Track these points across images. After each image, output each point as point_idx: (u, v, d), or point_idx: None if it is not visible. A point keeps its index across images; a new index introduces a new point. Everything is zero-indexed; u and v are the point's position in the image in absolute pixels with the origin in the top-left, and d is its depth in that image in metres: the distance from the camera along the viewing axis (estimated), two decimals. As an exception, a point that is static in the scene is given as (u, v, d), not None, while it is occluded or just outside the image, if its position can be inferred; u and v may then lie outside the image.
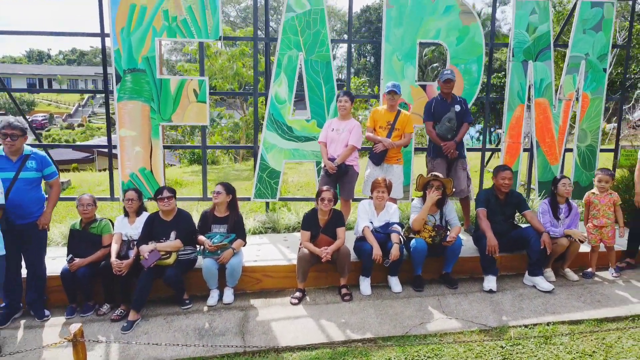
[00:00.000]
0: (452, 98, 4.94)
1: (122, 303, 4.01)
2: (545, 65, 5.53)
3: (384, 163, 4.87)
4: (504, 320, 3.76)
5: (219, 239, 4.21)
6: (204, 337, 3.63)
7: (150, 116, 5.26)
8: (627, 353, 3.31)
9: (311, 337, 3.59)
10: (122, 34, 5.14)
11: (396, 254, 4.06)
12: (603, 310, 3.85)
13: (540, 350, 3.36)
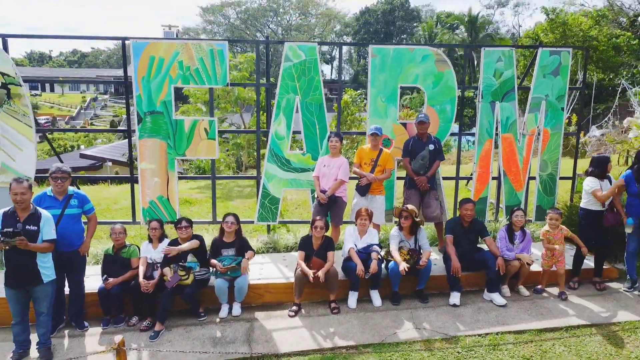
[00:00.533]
0: (428, 138, 5.78)
1: (149, 316, 4.86)
2: (510, 105, 6.36)
3: (369, 194, 5.71)
4: (462, 330, 4.61)
5: (228, 262, 5.06)
6: (217, 344, 4.48)
7: (167, 151, 6.10)
8: (558, 357, 4.15)
9: (305, 344, 4.44)
10: (143, 82, 5.98)
11: (374, 267, 4.93)
12: (544, 322, 4.69)
13: (489, 355, 4.21)
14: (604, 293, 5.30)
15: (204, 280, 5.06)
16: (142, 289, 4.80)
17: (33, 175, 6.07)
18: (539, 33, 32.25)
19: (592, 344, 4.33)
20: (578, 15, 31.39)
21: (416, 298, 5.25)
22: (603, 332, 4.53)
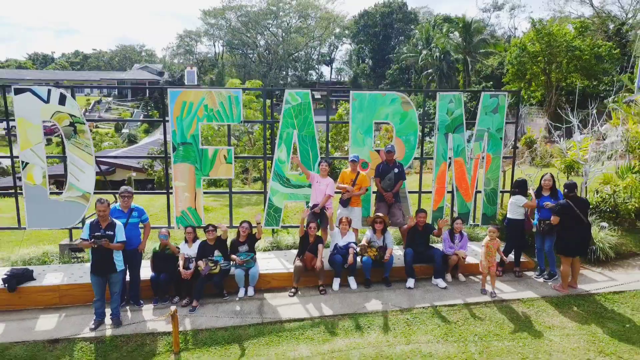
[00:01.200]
0: (394, 163, 7.66)
1: (187, 296, 6.76)
2: (460, 136, 8.24)
3: (349, 206, 7.60)
4: (412, 304, 6.50)
5: (243, 257, 6.95)
6: (238, 315, 6.38)
7: (195, 173, 7.99)
8: (473, 320, 6.03)
9: (300, 314, 6.34)
10: (177, 120, 7.87)
11: (351, 258, 6.83)
12: (470, 299, 6.59)
13: (428, 320, 6.10)
14: (520, 279, 7.19)
15: (227, 270, 6.95)
16: (182, 277, 6.70)
17: (92, 191, 7.97)
18: (526, 42, 34.20)
19: (500, 312, 6.23)
20: (563, 26, 33.30)
21: (383, 283, 7.15)
22: (510, 305, 6.43)
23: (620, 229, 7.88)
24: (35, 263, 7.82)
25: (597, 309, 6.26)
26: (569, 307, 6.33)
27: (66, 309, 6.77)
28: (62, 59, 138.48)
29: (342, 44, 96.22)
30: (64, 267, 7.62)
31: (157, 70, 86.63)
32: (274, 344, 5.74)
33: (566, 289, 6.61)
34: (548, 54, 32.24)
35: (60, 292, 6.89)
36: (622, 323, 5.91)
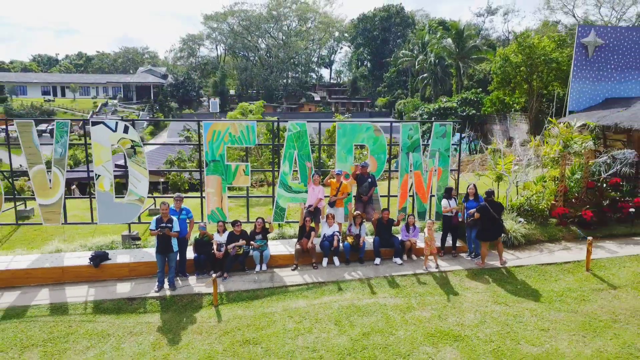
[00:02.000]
0: (367, 174, 10.58)
1: (220, 270, 9.69)
2: (418, 155, 11.16)
3: (335, 206, 10.52)
4: (377, 275, 9.43)
5: (259, 243, 9.89)
6: (255, 282, 9.32)
7: (221, 182, 10.91)
8: (417, 284, 8.95)
9: (299, 281, 9.28)
10: (209, 143, 10.80)
11: (335, 243, 9.76)
12: (417, 271, 9.52)
13: (387, 285, 9.02)
14: (455, 258, 10.13)
15: (247, 252, 9.88)
16: (216, 257, 9.64)
17: (146, 195, 10.90)
18: (509, 54, 37.06)
19: (436, 279, 9.16)
20: (544, 39, 36.21)
21: (358, 262, 10.08)
22: (444, 274, 9.36)
23: (534, 223, 10.79)
24: (105, 248, 10.74)
25: (501, 277, 9.19)
26: (483, 276, 9.26)
27: (134, 280, 9.72)
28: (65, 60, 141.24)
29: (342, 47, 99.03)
30: (127, 251, 10.56)
31: (161, 73, 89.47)
32: (281, 300, 8.68)
33: (483, 264, 9.55)
34: (529, 64, 35.13)
35: (130, 267, 9.84)
36: (516, 285, 8.85)
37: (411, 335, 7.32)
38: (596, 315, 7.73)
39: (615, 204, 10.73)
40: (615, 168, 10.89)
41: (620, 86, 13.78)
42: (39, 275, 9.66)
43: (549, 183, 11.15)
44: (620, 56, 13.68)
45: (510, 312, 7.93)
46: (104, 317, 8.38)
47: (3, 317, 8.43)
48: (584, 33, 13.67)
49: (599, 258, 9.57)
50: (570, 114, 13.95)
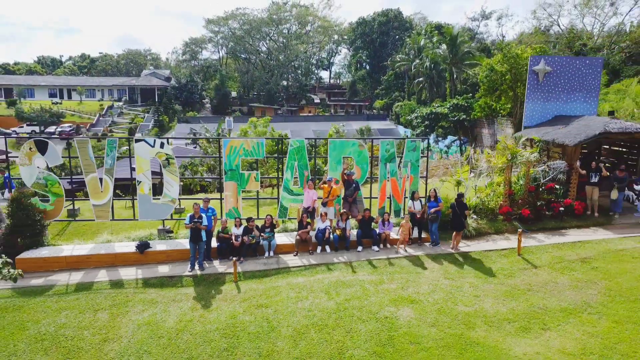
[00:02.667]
0: (353, 181, 13.45)
1: (237, 255, 12.58)
2: (394, 165, 14.02)
3: (327, 206, 13.41)
4: (359, 259, 12.32)
5: (268, 234, 12.79)
6: (265, 265, 12.22)
7: (237, 187, 13.80)
8: (390, 266, 11.84)
9: (299, 264, 12.19)
10: (227, 156, 13.68)
11: (327, 235, 12.66)
12: (390, 256, 12.41)
13: (366, 266, 11.91)
14: (420, 246, 13.02)
15: (258, 242, 12.77)
16: (234, 245, 12.53)
17: (177, 197, 13.78)
18: (495, 64, 39.94)
19: (404, 262, 12.04)
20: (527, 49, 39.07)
21: (344, 249, 12.97)
22: (410, 259, 12.24)
23: (486, 219, 13.66)
24: (145, 239, 13.62)
25: (453, 260, 12.08)
26: (439, 259, 12.16)
27: (171, 263, 12.61)
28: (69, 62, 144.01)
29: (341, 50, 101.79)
30: (163, 241, 13.46)
31: (165, 76, 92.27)
32: (285, 277, 11.56)
33: (456, 248, 12.43)
34: (514, 73, 38.02)
35: (166, 254, 12.74)
36: (462, 265, 11.74)
37: (380, 300, 10.21)
38: (516, 286, 10.62)
39: (549, 204, 13.58)
40: (551, 175, 13.74)
41: (567, 106, 16.60)
42: (97, 260, 12.57)
43: (495, 187, 14.04)
44: (566, 80, 16.51)
45: (454, 284, 10.82)
46: (152, 290, 11.27)
47: (75, 290, 11.34)
48: (535, 62, 16.52)
49: (530, 246, 12.46)
50: (525, 128, 16.80)
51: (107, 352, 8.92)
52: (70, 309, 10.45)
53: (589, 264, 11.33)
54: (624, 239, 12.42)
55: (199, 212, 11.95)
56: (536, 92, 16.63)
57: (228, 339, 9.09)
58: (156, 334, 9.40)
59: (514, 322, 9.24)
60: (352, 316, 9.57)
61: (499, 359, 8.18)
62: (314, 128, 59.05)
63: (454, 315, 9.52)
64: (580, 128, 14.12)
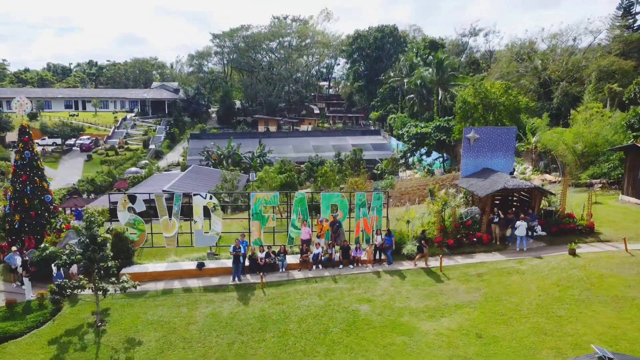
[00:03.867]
0: (337, 221, 20.65)
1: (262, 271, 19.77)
2: (365, 209, 21.16)
3: (320, 238, 20.61)
4: (339, 274, 19.55)
5: (282, 257, 20.04)
6: (280, 277, 19.47)
7: (260, 225, 21.01)
8: (356, 278, 19.07)
9: (301, 277, 19.45)
10: (254, 204, 20.89)
11: (319, 258, 19.91)
12: (358, 271, 19.62)
13: (343, 279, 19.16)
14: (380, 265, 20.20)
15: (274, 262, 19.98)
16: (260, 265, 19.75)
17: (221, 231, 21.00)
18: (467, 97, 47.16)
19: (369, 275, 19.25)
20: (496, 84, 46.20)
21: (331, 267, 20.18)
22: (372, 273, 19.44)
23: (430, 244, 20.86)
24: (199, 260, 20.79)
25: (399, 274, 19.26)
26: (393, 273, 19.33)
27: (219, 276, 19.83)
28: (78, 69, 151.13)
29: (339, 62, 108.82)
30: (213, 261, 20.68)
31: (173, 88, 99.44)
32: (292, 286, 18.78)
33: (426, 265, 19.63)
34: (484, 104, 45.20)
35: (216, 270, 19.98)
36: (405, 277, 18.92)
37: (350, 300, 17.43)
38: (433, 291, 17.83)
39: (467, 236, 20.71)
40: (470, 216, 20.91)
41: (491, 161, 23.68)
42: (171, 274, 19.80)
43: (431, 224, 21.23)
44: (490, 143, 23.59)
45: (396, 290, 18.03)
46: (210, 294, 18.52)
47: (162, 294, 18.59)
48: (467, 132, 23.64)
49: (449, 265, 19.62)
50: (462, 177, 23.93)
51: (191, 330, 16.17)
52: (162, 306, 17.72)
53: (481, 277, 18.54)
54: (509, 260, 19.58)
55: (239, 244, 19.16)
56: (469, 152, 23.76)
57: (260, 322, 16.33)
58: (217, 320, 16.64)
59: (426, 312, 16.46)
60: (333, 309, 16.80)
61: (413, 333, 15.38)
62: (313, 143, 66.25)
63: (392, 309, 16.74)
64: (491, 183, 21.27)
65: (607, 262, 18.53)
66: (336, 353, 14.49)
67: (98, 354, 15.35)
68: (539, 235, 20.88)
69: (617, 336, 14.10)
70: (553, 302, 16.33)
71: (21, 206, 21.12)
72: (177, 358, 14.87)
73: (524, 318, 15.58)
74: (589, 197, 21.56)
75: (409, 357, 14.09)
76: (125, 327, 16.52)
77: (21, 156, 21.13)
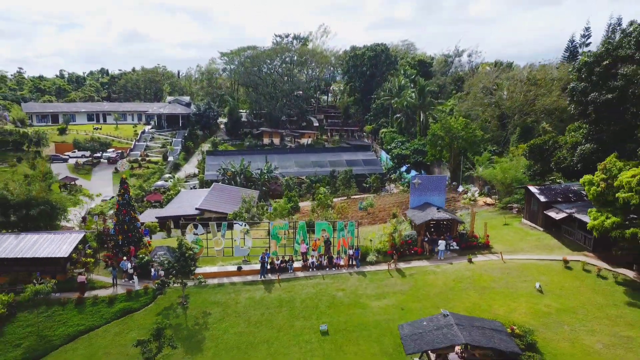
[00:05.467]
0: (327, 238, 33.30)
1: (278, 272, 32.46)
2: (343, 232, 33.79)
3: (314, 250, 33.29)
4: (326, 274, 32.30)
5: (290, 264, 32.80)
6: (289, 275, 32.22)
7: (276, 242, 33.70)
8: (338, 277, 31.80)
9: (302, 275, 32.23)
10: (273, 229, 33.58)
11: (315, 263, 32.71)
12: (339, 273, 32.34)
13: (328, 277, 31.90)
14: (352, 268, 32.86)
15: (286, 266, 32.66)
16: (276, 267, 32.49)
17: (251, 246, 33.73)
18: (436, 130, 59.78)
19: (343, 274, 31.93)
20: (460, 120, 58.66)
21: (322, 269, 32.90)
22: (347, 273, 32.14)
23: (381, 255, 33.36)
24: (237, 264, 33.46)
25: (364, 274, 31.91)
26: (361, 273, 31.98)
27: (251, 275, 32.55)
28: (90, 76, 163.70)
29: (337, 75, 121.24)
30: (246, 266, 33.39)
31: (185, 102, 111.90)
32: (297, 281, 31.50)
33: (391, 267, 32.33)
34: (449, 137, 57.73)
35: (249, 271, 32.71)
36: (366, 276, 31.58)
37: (331, 289, 30.21)
38: (381, 284, 30.54)
39: (409, 249, 33.26)
40: (410, 237, 33.52)
41: (430, 198, 36.07)
42: (220, 274, 32.56)
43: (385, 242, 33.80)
44: (429, 186, 36.06)
45: (360, 284, 30.74)
46: (246, 286, 31.36)
47: (217, 286, 31.40)
48: (413, 178, 36.14)
49: (394, 269, 32.23)
50: (409, 209, 36.48)
51: (237, 307, 29.04)
52: (219, 293, 30.56)
53: (412, 276, 31.18)
54: (431, 265, 32.14)
55: (264, 255, 31.82)
56: (414, 192, 36.25)
57: (278, 302, 29.18)
58: (252, 301, 29.49)
59: (375, 296, 29.22)
60: (321, 295, 29.56)
61: (366, 307, 28.14)
62: (312, 159, 78.85)
63: (356, 294, 29.49)
64: (425, 214, 33.80)
65: (488, 266, 31.20)
66: (322, 317, 27.23)
67: (186, 320, 28.09)
68: (454, 249, 33.53)
69: (475, 308, 26.75)
70: (448, 290, 29.03)
71: (122, 230, 33.73)
72: (231, 323, 27.59)
73: (429, 299, 28.27)
74: (485, 225, 34.27)
75: (363, 318, 26.81)
76: (198, 305, 29.25)
77: (122, 197, 33.69)
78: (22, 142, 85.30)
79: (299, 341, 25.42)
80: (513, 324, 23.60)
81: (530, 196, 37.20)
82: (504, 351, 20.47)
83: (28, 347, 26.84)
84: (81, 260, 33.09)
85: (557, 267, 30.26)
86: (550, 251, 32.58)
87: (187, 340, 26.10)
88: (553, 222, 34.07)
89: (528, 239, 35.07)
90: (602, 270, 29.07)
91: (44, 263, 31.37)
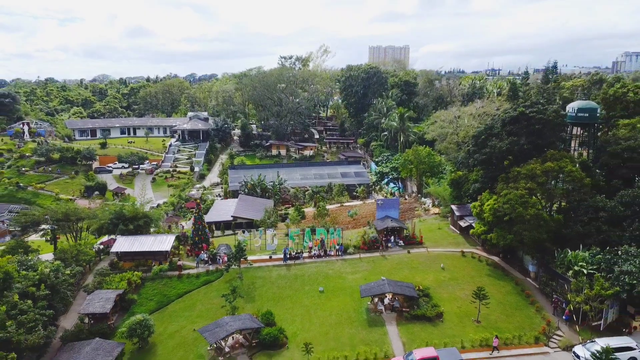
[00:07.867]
0: (322, 240, 57.08)
1: (294, 260, 56.34)
2: (333, 235, 57.52)
3: (315, 245, 57.15)
4: (322, 261, 56.25)
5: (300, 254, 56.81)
6: (301, 262, 56.21)
7: (291, 241, 57.61)
8: (332, 262, 55.74)
9: (310, 262, 56.24)
10: (290, 233, 57.48)
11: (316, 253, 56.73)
12: (330, 260, 56.29)
13: (326, 262, 55.86)
14: (339, 256, 56.75)
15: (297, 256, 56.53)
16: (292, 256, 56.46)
17: (277, 243, 57.67)
18: (409, 156, 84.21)
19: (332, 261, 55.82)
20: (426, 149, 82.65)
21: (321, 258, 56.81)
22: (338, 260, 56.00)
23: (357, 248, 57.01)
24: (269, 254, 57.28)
25: (347, 260, 55.72)
26: (345, 260, 55.82)
27: (276, 261, 56.53)
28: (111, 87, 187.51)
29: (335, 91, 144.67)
30: (274, 255, 57.27)
31: (203, 117, 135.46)
32: (307, 265, 55.42)
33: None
34: (417, 161, 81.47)
35: (276, 259, 56.62)
36: (347, 261, 55.44)
37: (326, 270, 54.23)
38: (355, 266, 54.45)
39: (373, 245, 56.70)
40: (374, 237, 57.03)
41: (389, 212, 59.42)
42: (258, 260, 56.52)
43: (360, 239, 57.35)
44: (389, 204, 59.38)
45: (343, 267, 54.65)
46: (275, 268, 55.49)
47: (258, 268, 55.47)
48: (379, 201, 59.55)
49: (363, 257, 55.79)
50: (376, 220, 60.07)
51: (272, 279, 53.44)
52: (260, 271, 54.97)
53: (373, 261, 54.97)
54: (385, 255, 55.75)
55: (285, 249, 55.66)
56: (379, 208, 59.69)
57: (294, 277, 53.46)
58: (280, 276, 53.85)
59: (350, 273, 53.30)
60: (319, 273, 53.71)
61: (345, 279, 52.21)
62: (314, 172, 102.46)
63: (340, 272, 53.60)
64: (384, 223, 57.34)
65: (418, 255, 55.02)
66: (320, 284, 51.21)
67: (243, 286, 52.20)
68: (401, 245, 57.31)
69: (404, 278, 50.55)
70: (392, 269, 52.96)
71: (197, 234, 57.59)
72: (268, 289, 51.72)
73: (380, 274, 52.07)
74: (420, 230, 58.12)
75: (343, 284, 50.77)
76: (249, 279, 53.30)
77: (197, 214, 57.51)
78: (75, 157, 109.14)
79: (307, 296, 49.33)
80: (420, 285, 47.47)
81: (452, 211, 60.95)
82: (409, 295, 44.48)
83: (157, 300, 50.86)
84: (175, 252, 57.11)
85: (457, 255, 54.16)
86: (457, 246, 56.42)
87: (246, 296, 50.00)
88: (462, 228, 57.84)
89: (448, 239, 58.89)
90: (481, 257, 52.98)
91: (155, 254, 55.34)
